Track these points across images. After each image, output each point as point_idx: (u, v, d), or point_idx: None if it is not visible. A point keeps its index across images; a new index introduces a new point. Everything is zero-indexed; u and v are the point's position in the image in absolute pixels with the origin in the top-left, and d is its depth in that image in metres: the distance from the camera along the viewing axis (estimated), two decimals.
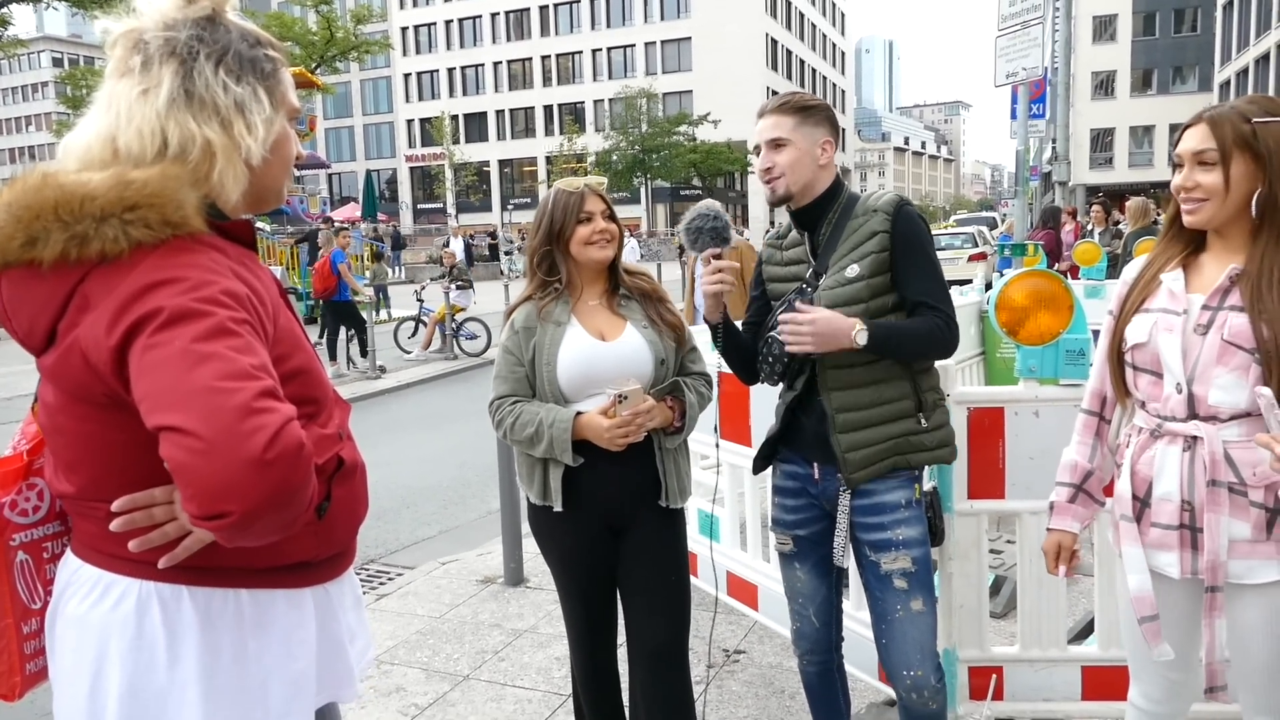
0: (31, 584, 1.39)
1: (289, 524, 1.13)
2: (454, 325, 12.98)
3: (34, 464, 1.39)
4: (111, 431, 1.23)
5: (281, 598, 1.36)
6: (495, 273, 29.24)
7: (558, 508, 2.31)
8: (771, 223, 55.95)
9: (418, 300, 13.86)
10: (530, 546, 4.83)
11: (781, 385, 2.38)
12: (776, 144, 2.25)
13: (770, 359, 2.30)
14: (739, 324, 2.47)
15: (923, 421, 2.23)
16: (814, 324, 2.10)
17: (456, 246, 22.70)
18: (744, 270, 5.22)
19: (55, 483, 1.34)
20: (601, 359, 2.30)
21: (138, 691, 1.26)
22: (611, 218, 2.38)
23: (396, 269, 30.31)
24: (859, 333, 2.09)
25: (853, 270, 2.17)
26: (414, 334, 13.58)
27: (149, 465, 1.21)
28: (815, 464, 2.31)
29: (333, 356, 11.72)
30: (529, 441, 2.28)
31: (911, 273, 2.17)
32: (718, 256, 2.25)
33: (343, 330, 12.01)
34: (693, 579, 4.03)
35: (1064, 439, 2.67)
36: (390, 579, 4.78)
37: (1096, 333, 2.13)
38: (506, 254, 30.64)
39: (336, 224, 24.56)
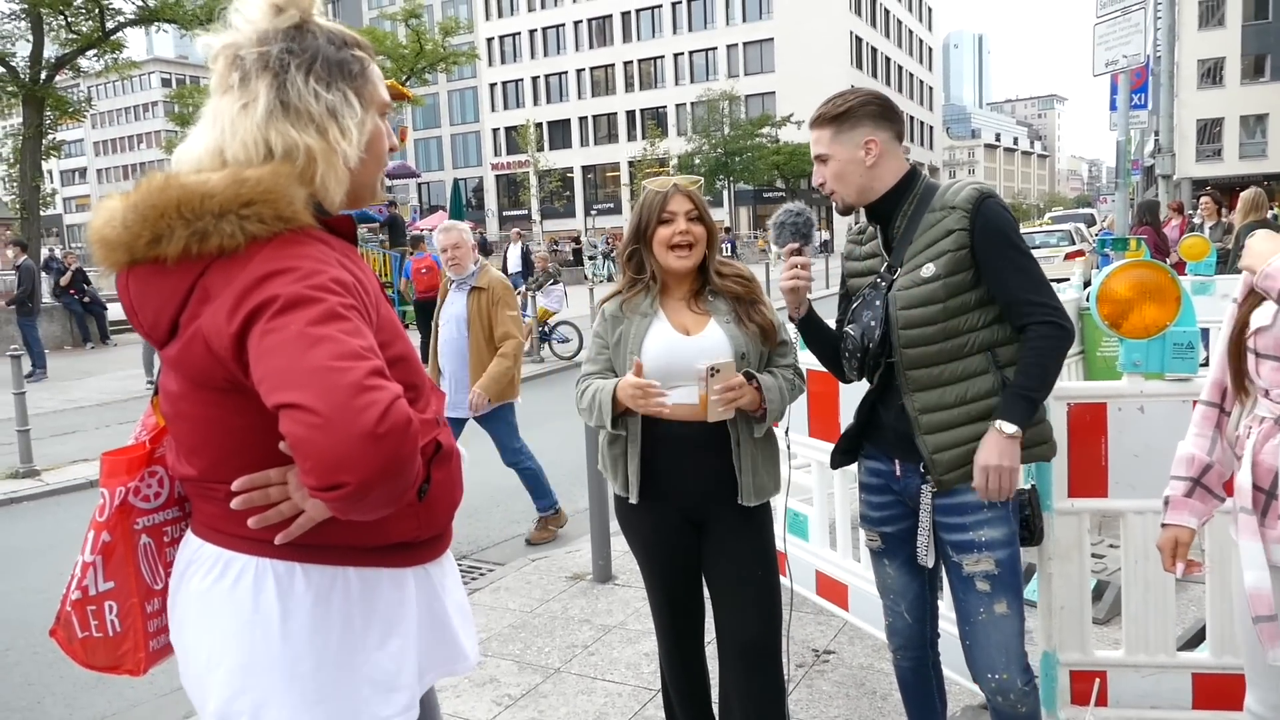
0: (154, 565, 1.48)
1: (398, 496, 1.18)
2: (546, 329, 13.14)
3: (155, 453, 1.49)
4: (231, 416, 1.31)
5: (386, 577, 1.43)
6: (580, 277, 29.59)
7: (634, 499, 2.36)
8: (855, 222, 55.37)
9: None
10: (618, 544, 4.89)
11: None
12: (821, 159, 2.25)
13: (847, 354, 2.28)
14: (830, 322, 2.46)
15: None
16: (985, 471, 2.07)
17: (513, 254, 19.64)
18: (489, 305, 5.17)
19: (178, 467, 1.43)
20: (683, 351, 2.32)
21: (254, 663, 1.34)
22: (699, 219, 2.37)
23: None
24: (1004, 425, 2.04)
25: (928, 270, 2.13)
26: None
27: (266, 448, 1.29)
28: (896, 460, 2.28)
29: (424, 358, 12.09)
30: (587, 412, 2.36)
31: (1003, 271, 2.09)
32: (798, 253, 2.27)
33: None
34: (783, 579, 4.03)
35: (1171, 436, 2.57)
36: (482, 574, 4.90)
37: (1206, 331, 2.05)
38: (590, 258, 31.00)
39: (424, 232, 25.26)
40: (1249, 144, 46.90)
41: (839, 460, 2.45)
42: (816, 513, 3.78)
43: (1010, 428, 2.04)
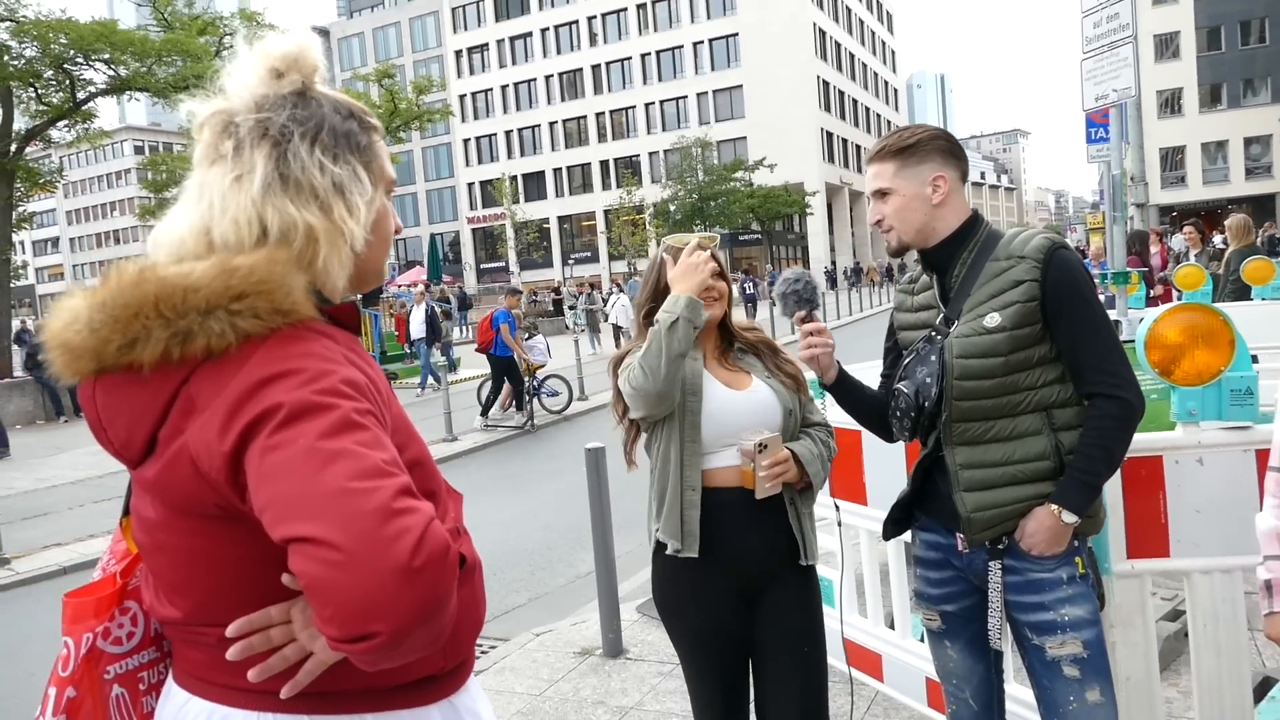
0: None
1: (437, 638, 0.99)
2: (534, 384, 12.69)
3: (127, 585, 1.27)
4: (224, 547, 1.10)
5: (406, 718, 1.21)
6: (561, 327, 29.52)
7: (692, 554, 2.18)
8: (834, 263, 55.30)
9: (450, 366, 13.32)
10: (627, 614, 4.65)
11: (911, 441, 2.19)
12: (881, 194, 2.10)
13: (898, 413, 2.11)
14: (870, 379, 2.29)
15: None
16: (1032, 543, 1.97)
17: (416, 317, 16.70)
18: None
19: (157, 607, 1.20)
20: (738, 409, 2.23)
21: None
22: (721, 276, 2.31)
23: (464, 329, 30.76)
24: (1063, 513, 1.93)
25: (993, 320, 1.95)
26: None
27: (265, 582, 1.08)
28: (957, 533, 2.09)
29: (506, 405, 12.29)
30: (656, 351, 2.08)
31: (1075, 331, 1.93)
32: (808, 319, 2.18)
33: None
34: None
35: (1234, 489, 2.41)
36: (484, 652, 4.62)
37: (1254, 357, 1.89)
38: (570, 308, 30.96)
39: (402, 288, 25.09)
40: (1211, 169, 47.94)
41: (891, 531, 2.26)
42: (842, 577, 3.55)
43: (1069, 517, 1.93)
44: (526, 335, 13.12)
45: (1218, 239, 12.74)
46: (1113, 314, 5.77)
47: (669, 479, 2.22)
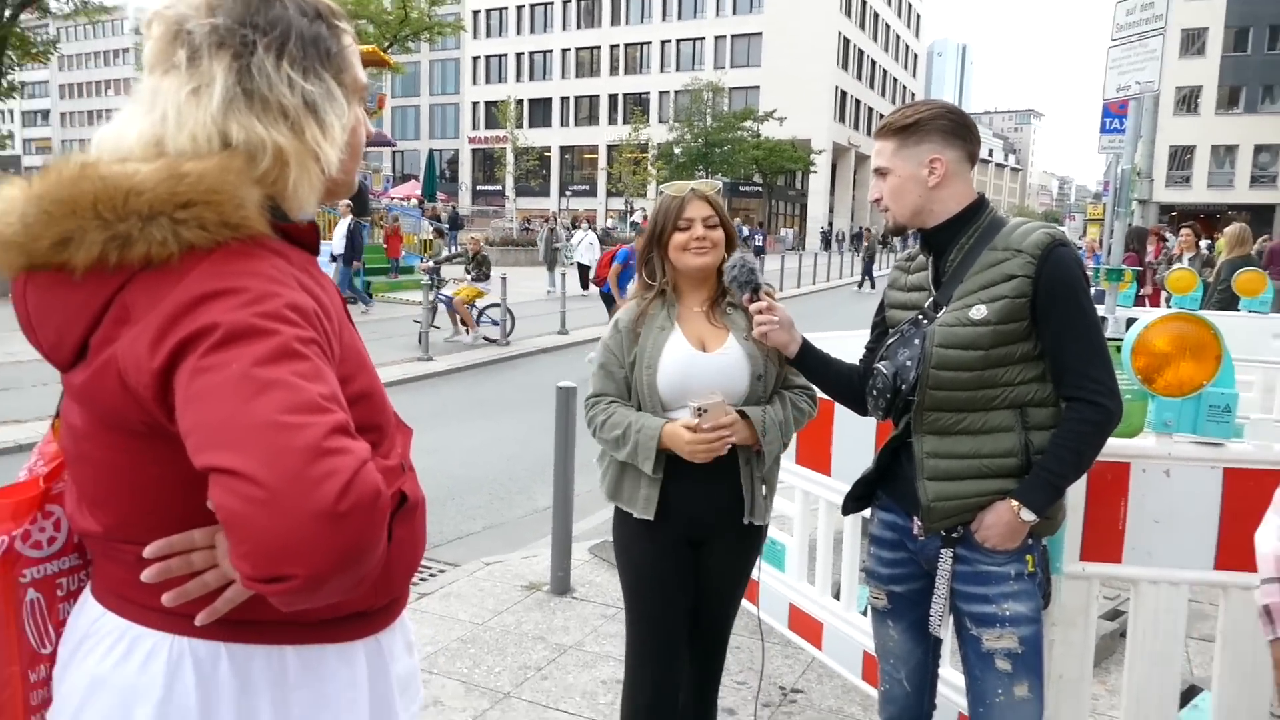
0: (42, 626, 1.20)
1: (358, 584, 0.94)
2: (475, 311, 12.64)
3: (51, 490, 1.21)
4: (148, 465, 1.04)
5: (332, 653, 1.17)
6: (535, 259, 28.78)
7: (648, 517, 2.24)
8: (830, 225, 54.92)
9: (433, 285, 12.44)
10: (579, 554, 4.66)
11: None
12: (880, 172, 2.04)
13: (874, 392, 2.06)
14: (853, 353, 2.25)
15: None
16: (987, 535, 1.94)
17: (338, 231, 15.50)
18: None
19: (78, 518, 1.15)
20: (700, 369, 2.23)
21: None
22: (718, 225, 2.27)
23: (453, 247, 30.42)
24: (1022, 510, 1.90)
25: (978, 311, 1.90)
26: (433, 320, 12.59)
27: (190, 504, 1.02)
28: (915, 518, 2.06)
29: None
30: (615, 443, 2.25)
31: (1062, 333, 1.88)
32: (753, 300, 2.17)
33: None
34: (752, 607, 3.81)
35: (1196, 505, 2.39)
36: (433, 575, 4.62)
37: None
38: (568, 238, 30.28)
39: (394, 200, 24.59)
40: (1218, 173, 47.74)
41: (851, 506, 2.25)
42: (796, 544, 3.56)
43: (1028, 515, 1.91)
44: (479, 273, 12.69)
45: (1205, 244, 12.70)
46: (1101, 310, 5.74)
47: None
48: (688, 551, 2.31)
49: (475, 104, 68.29)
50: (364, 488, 0.89)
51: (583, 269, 19.42)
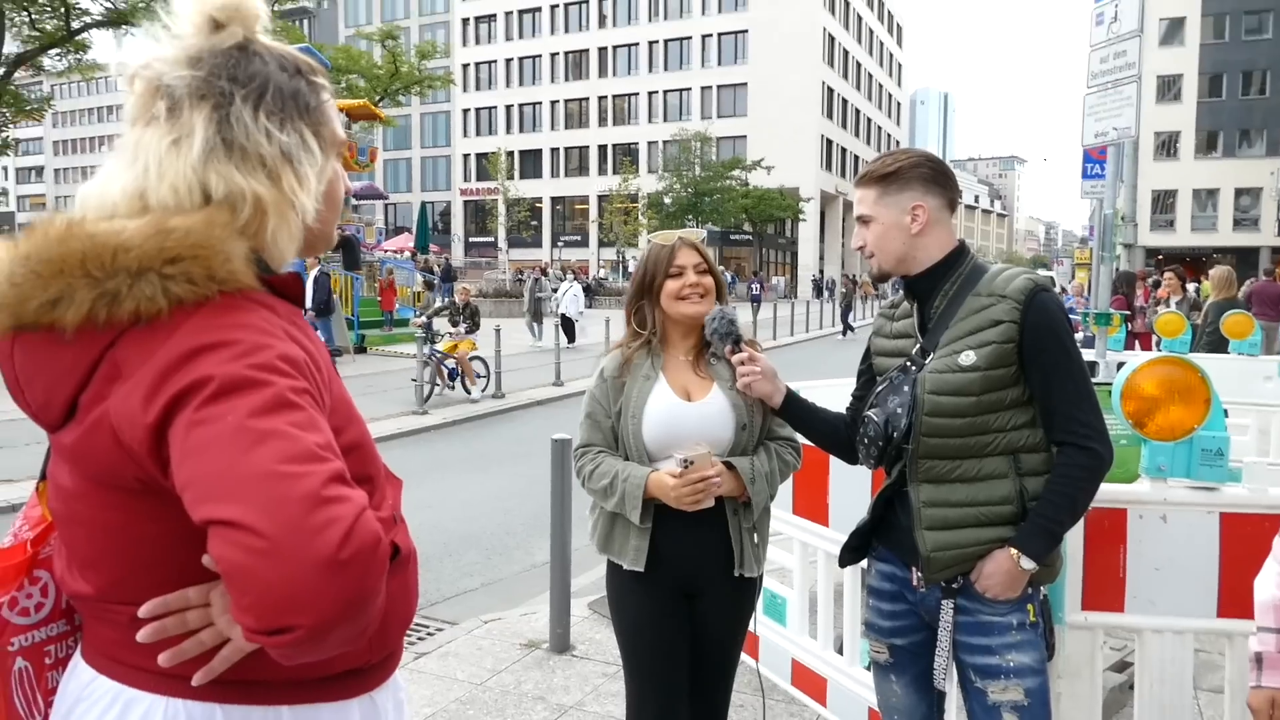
0: (30, 696, 1.18)
1: (361, 634, 0.94)
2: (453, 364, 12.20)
3: (38, 554, 1.20)
4: (142, 523, 1.04)
5: (327, 712, 1.15)
6: (519, 310, 28.62)
7: (638, 568, 2.24)
8: (821, 272, 55.35)
9: (427, 339, 11.97)
10: (578, 610, 4.60)
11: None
12: (863, 220, 2.09)
13: (866, 440, 2.07)
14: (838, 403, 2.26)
15: None
16: (988, 585, 1.95)
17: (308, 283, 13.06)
18: None
19: (68, 581, 1.14)
20: (685, 419, 2.24)
21: None
22: (707, 272, 2.31)
23: (446, 299, 30.44)
24: (1022, 559, 1.92)
25: (967, 358, 1.92)
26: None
27: (184, 562, 1.02)
28: (914, 568, 2.06)
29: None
30: (603, 493, 2.25)
31: (1050, 377, 1.91)
32: (734, 351, 2.20)
33: None
34: (753, 663, 3.77)
35: (1194, 550, 2.39)
36: (430, 634, 4.56)
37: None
38: (554, 290, 30.14)
39: (388, 253, 24.60)
40: (1200, 216, 48.44)
41: (848, 558, 2.24)
42: (796, 596, 3.53)
43: (1028, 563, 1.91)
44: (468, 326, 12.41)
45: (1192, 287, 12.87)
46: (1091, 354, 5.78)
47: None
48: (682, 604, 2.30)
49: (466, 156, 69.12)
50: (365, 535, 0.90)
51: (566, 321, 19.13)
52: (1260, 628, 1.78)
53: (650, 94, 63.77)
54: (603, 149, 64.98)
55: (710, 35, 61.55)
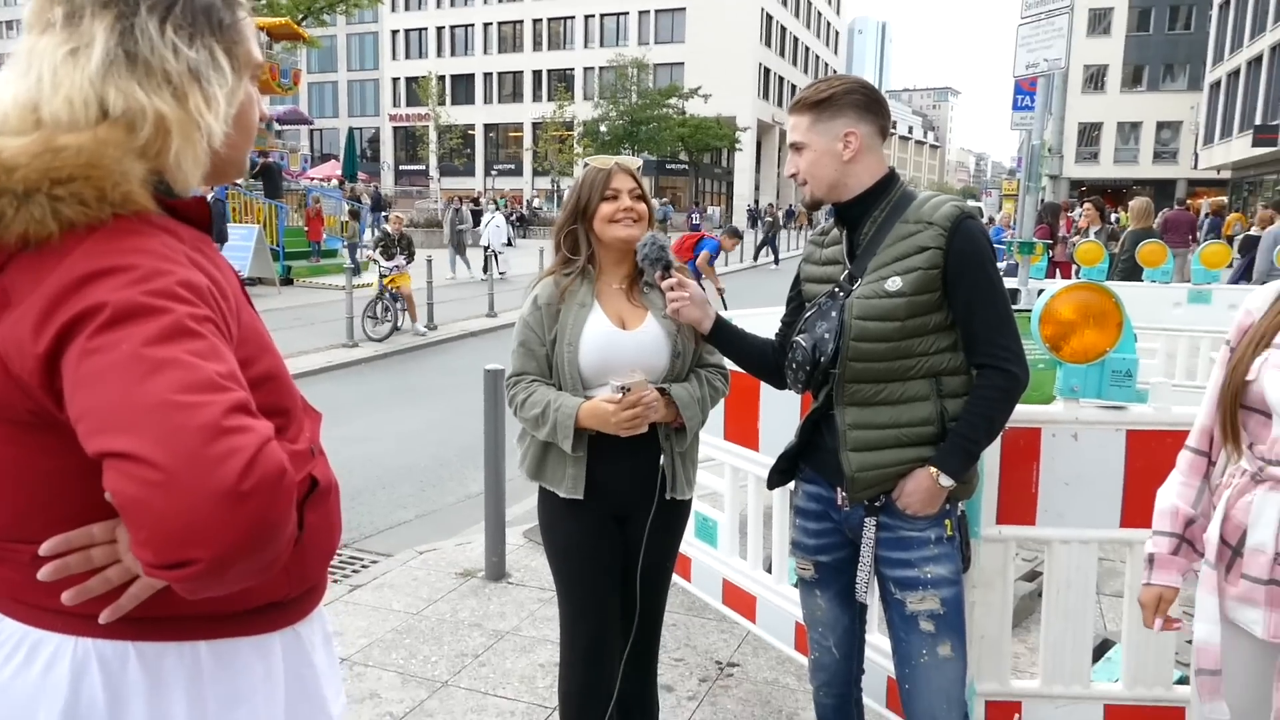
0: None
1: (267, 567, 0.92)
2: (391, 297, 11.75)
3: None
4: (38, 457, 1.00)
5: (246, 646, 1.14)
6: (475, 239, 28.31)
7: (577, 495, 2.25)
8: (755, 202, 55.51)
9: (384, 274, 11.76)
10: (513, 539, 4.64)
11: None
12: (796, 147, 2.08)
13: (794, 365, 2.11)
14: (769, 328, 2.28)
15: None
16: (908, 502, 2.00)
17: None
18: None
19: None
20: (620, 347, 2.23)
21: None
22: (641, 198, 2.28)
23: (376, 230, 29.69)
24: (940, 476, 1.97)
25: (894, 283, 1.95)
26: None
27: (86, 497, 0.99)
28: (839, 488, 2.12)
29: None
30: (534, 422, 2.24)
31: (972, 302, 1.95)
32: (665, 277, 2.19)
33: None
34: (686, 584, 3.86)
35: (1101, 465, 2.51)
36: (365, 566, 4.56)
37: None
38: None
39: (314, 181, 23.75)
40: (1123, 149, 49.71)
41: (776, 480, 2.29)
42: (727, 519, 3.61)
43: (946, 480, 1.98)
44: (402, 254, 11.94)
45: (1112, 218, 13.31)
46: (1014, 282, 5.93)
47: None
48: (613, 527, 2.33)
49: (395, 80, 66.66)
50: (268, 465, 0.87)
51: (488, 253, 18.62)
52: (1155, 531, 1.89)
53: (587, 17, 62.07)
54: (537, 74, 63.29)
55: None
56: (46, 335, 0.91)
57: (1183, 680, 2.58)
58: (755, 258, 26.35)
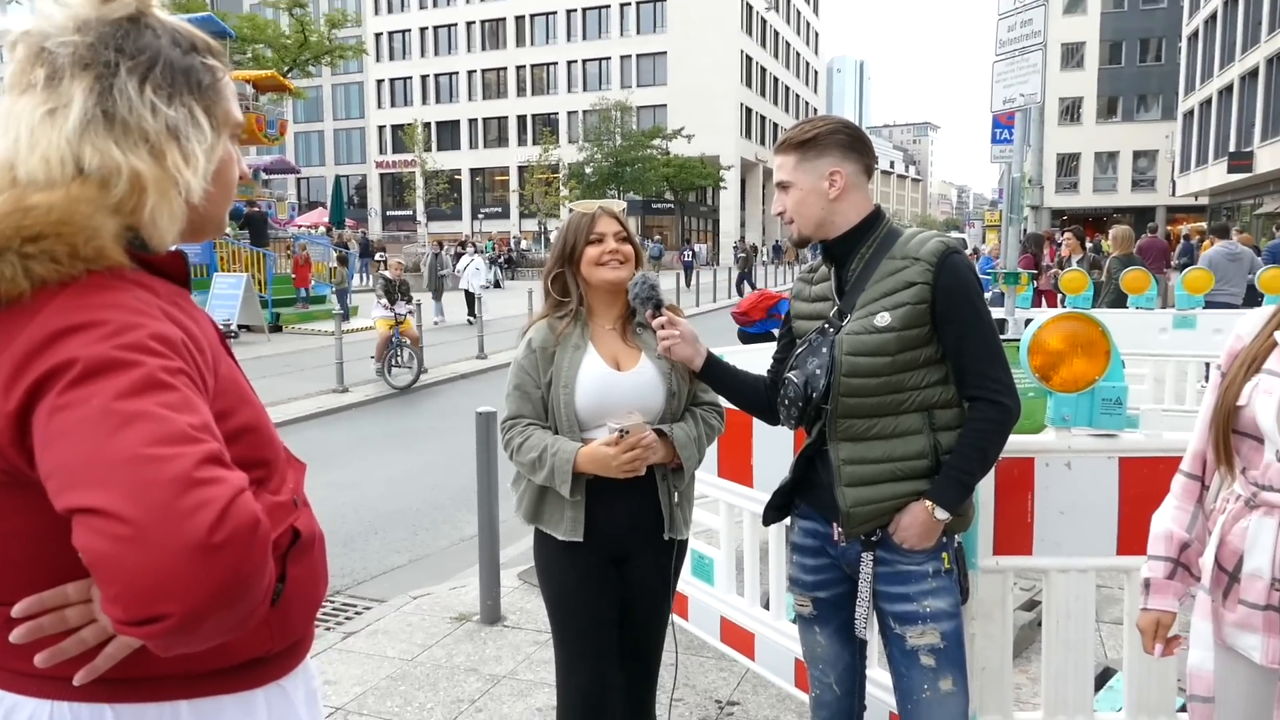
0: None
1: (243, 622, 0.91)
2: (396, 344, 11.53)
3: None
4: (11, 517, 0.99)
5: (230, 704, 1.12)
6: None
7: (576, 538, 2.24)
8: (741, 239, 56.17)
9: (397, 321, 11.52)
10: (508, 581, 4.60)
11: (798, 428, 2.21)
12: (783, 186, 2.11)
13: (786, 401, 2.12)
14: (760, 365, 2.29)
15: None
16: (905, 536, 2.01)
17: None
18: None
19: None
20: (616, 388, 2.24)
21: None
22: (626, 240, 2.30)
23: (364, 276, 29.79)
24: (936, 510, 1.98)
25: (883, 319, 1.97)
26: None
27: (60, 558, 0.97)
28: (835, 524, 2.12)
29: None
30: (531, 466, 2.23)
31: (961, 336, 1.97)
32: (655, 316, 2.20)
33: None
34: (684, 623, 3.83)
35: (1095, 493, 2.52)
36: (358, 613, 4.50)
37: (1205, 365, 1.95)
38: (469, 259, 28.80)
39: (302, 229, 23.81)
40: (1102, 178, 50.50)
41: (771, 516, 2.29)
42: (723, 556, 3.59)
43: (942, 513, 1.98)
44: (403, 299, 11.64)
45: (1090, 246, 13.49)
46: (1000, 312, 5.98)
47: None
48: (610, 569, 2.32)
49: (381, 128, 67.24)
50: (241, 517, 0.86)
51: (469, 296, 18.26)
52: (1151, 556, 1.89)
53: (569, 63, 62.94)
54: (522, 119, 63.98)
55: (629, 3, 60.96)
56: (17, 392, 0.90)
57: (1185, 708, 2.57)
58: (740, 292, 26.50)
